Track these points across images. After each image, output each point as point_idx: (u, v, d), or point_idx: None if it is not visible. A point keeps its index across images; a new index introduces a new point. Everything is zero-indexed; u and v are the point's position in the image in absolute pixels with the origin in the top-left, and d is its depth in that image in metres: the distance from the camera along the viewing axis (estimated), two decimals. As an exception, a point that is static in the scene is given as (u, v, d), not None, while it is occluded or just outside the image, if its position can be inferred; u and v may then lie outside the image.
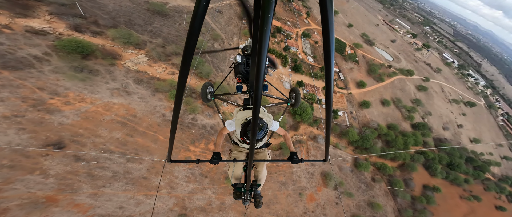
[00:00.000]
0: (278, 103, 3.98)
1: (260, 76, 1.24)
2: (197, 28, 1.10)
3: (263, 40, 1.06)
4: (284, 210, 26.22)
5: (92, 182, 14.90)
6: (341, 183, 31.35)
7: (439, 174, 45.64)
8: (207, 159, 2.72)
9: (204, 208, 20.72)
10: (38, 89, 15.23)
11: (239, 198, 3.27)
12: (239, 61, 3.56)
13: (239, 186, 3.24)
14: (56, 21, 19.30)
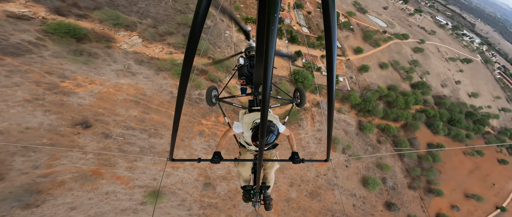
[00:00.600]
0: (283, 104, 4.10)
1: (268, 77, 1.24)
2: (198, 29, 1.09)
3: (270, 40, 1.06)
4: (298, 174, 28.77)
5: (125, 157, 16.57)
6: (348, 146, 34.02)
7: (441, 131, 49.15)
8: (208, 158, 2.83)
9: (224, 176, 22.94)
10: (47, 74, 16.08)
11: (248, 201, 3.36)
12: (242, 63, 3.65)
13: (248, 189, 3.36)
14: (33, 4, 18.89)
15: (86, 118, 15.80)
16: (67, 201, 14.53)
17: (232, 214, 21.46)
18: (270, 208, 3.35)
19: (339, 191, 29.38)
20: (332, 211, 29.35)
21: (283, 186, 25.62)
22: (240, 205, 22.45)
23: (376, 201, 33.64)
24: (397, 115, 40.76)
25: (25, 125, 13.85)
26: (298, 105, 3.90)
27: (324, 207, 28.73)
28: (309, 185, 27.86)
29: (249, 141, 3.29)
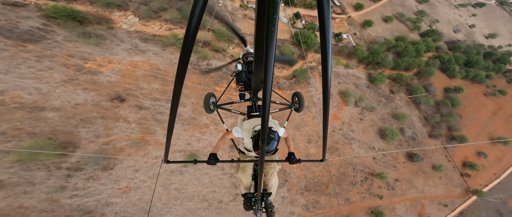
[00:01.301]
0: (281, 108, 4.19)
1: (268, 79, 1.25)
2: (194, 28, 1.12)
3: (270, 41, 1.09)
4: (313, 130, 30.90)
5: (160, 125, 18.85)
6: (360, 98, 35.49)
7: (458, 74, 48.72)
8: (204, 160, 2.93)
9: None
10: (69, 57, 18.43)
11: (250, 209, 3.42)
12: (239, 69, 3.79)
13: (249, 196, 3.42)
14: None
15: (119, 93, 17.98)
16: (131, 164, 17.70)
17: None
18: (272, 216, 3.39)
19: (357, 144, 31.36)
20: (353, 165, 31.56)
21: (301, 143, 27.89)
22: None
23: (397, 152, 35.47)
24: (409, 64, 41.17)
25: (74, 102, 16.34)
26: (296, 110, 4.03)
27: (344, 161, 30.94)
28: (328, 139, 29.87)
29: (248, 147, 3.42)
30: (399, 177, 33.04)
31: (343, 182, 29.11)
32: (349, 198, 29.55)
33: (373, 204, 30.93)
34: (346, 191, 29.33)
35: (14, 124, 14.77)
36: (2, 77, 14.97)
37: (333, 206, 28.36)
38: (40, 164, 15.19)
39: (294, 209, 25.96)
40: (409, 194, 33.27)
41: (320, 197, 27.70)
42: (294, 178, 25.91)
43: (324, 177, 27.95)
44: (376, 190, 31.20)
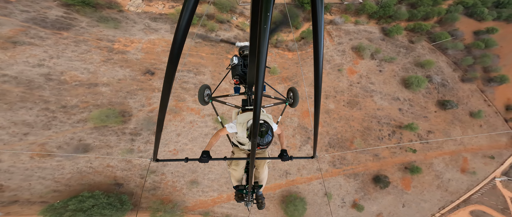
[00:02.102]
0: (276, 103, 4.33)
1: (260, 76, 1.33)
2: (184, 31, 1.15)
3: (262, 39, 1.16)
4: (330, 86, 31.80)
5: (187, 93, 21.30)
6: (376, 50, 35.42)
7: (488, 16, 45.90)
8: (196, 158, 3.09)
9: None
10: (98, 40, 22.38)
11: (241, 200, 3.67)
12: (235, 62, 3.96)
13: (240, 188, 3.66)
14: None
15: (148, 68, 20.43)
16: (173, 129, 20.41)
17: (281, 129, 26.42)
18: (262, 207, 3.62)
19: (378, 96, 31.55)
20: (377, 118, 31.91)
21: None
22: (285, 122, 27.24)
23: (426, 101, 34.69)
24: (426, 12, 40.15)
25: (117, 78, 19.20)
26: (291, 105, 4.12)
27: (366, 114, 31.48)
28: (344, 95, 30.82)
29: (242, 141, 3.58)
30: (432, 129, 32.52)
31: (368, 137, 29.72)
32: (377, 154, 30.03)
33: (406, 159, 30.92)
34: (373, 147, 29.93)
35: (81, 98, 18.84)
36: (56, 61, 19.13)
37: (361, 162, 29.12)
38: (110, 130, 19.00)
39: (320, 166, 27.40)
40: (446, 147, 32.52)
41: (346, 153, 28.74)
42: None
43: (348, 133, 28.90)
44: (407, 144, 31.26)
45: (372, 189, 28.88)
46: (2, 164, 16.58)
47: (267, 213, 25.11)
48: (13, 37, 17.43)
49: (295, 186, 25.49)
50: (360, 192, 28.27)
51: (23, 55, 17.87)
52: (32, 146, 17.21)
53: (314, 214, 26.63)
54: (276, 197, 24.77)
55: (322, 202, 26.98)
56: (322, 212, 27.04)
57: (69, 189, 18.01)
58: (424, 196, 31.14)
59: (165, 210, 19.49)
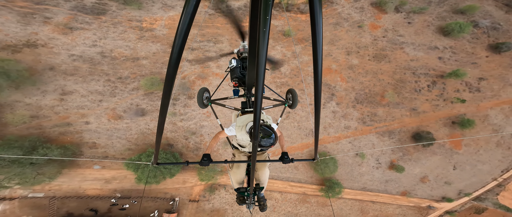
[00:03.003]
0: (275, 105, 4.24)
1: (260, 79, 1.30)
2: (184, 34, 1.09)
3: (262, 42, 1.13)
4: (351, 42, 28.78)
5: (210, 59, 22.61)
6: (402, 2, 30.95)
7: None
8: (196, 161, 2.99)
9: (281, 58, 27.91)
10: (129, 21, 25.16)
11: (243, 203, 3.57)
12: (234, 65, 3.86)
13: (242, 191, 3.57)
14: None
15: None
16: None
17: (303, 87, 25.24)
18: (264, 209, 3.50)
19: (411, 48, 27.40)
20: (411, 69, 27.77)
21: (340, 56, 26.80)
22: (306, 80, 26.02)
23: (473, 47, 28.85)
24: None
25: (152, 52, 21.37)
26: (290, 106, 4.06)
27: (397, 66, 27.69)
28: (368, 49, 27.71)
29: (242, 143, 3.50)
30: (484, 75, 26.86)
31: (402, 90, 26.08)
32: (415, 108, 26.11)
33: (454, 112, 26.16)
34: (410, 100, 26.06)
35: (130, 70, 21.37)
36: (104, 41, 21.79)
37: (395, 118, 25.72)
38: (156, 95, 21.21)
39: (348, 123, 25.06)
40: (504, 94, 26.52)
41: (377, 109, 25.66)
42: (341, 91, 25.21)
43: (377, 87, 25.86)
44: (453, 95, 26.46)
45: (412, 148, 25.33)
46: (91, 125, 19.54)
47: (296, 173, 24.16)
48: (68, 24, 20.39)
49: (322, 146, 23.93)
50: (397, 152, 25.06)
51: (80, 38, 20.77)
52: (106, 110, 19.84)
53: (346, 174, 24.57)
54: (304, 156, 23.62)
55: (353, 163, 24.75)
56: (355, 173, 24.77)
57: (138, 147, 20.31)
58: (480, 156, 26.04)
59: (208, 168, 20.47)
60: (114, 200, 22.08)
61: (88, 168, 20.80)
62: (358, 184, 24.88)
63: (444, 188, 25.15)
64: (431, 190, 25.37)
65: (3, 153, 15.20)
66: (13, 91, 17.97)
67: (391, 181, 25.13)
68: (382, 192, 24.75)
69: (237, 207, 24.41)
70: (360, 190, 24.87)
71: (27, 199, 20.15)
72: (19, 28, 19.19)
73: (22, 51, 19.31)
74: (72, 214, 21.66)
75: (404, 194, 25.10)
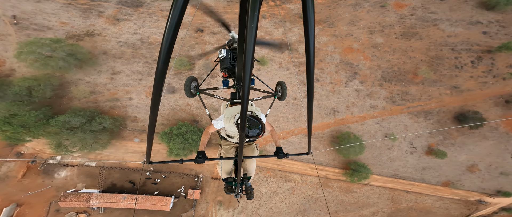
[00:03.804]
0: (265, 97, 4.17)
1: (247, 74, 1.28)
2: (176, 23, 1.01)
3: (249, 37, 1.10)
4: (373, 22, 26.25)
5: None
6: None
7: None
8: (191, 159, 2.85)
9: (299, 39, 26.21)
10: (161, 11, 26.87)
11: (230, 192, 3.58)
12: (224, 55, 3.77)
13: (230, 180, 3.57)
14: None
15: (198, 27, 23.69)
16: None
17: (322, 66, 24.10)
18: (252, 197, 3.51)
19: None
20: (449, 45, 24.20)
21: (362, 35, 24.88)
22: (325, 59, 25.13)
23: (527, 19, 24.07)
24: None
25: (180, 37, 24.57)
26: (279, 98, 3.96)
27: (432, 43, 24.41)
28: (394, 28, 25.14)
29: (230, 134, 3.44)
30: (549, 48, 21.91)
31: (440, 67, 22.78)
32: (457, 86, 22.45)
33: (507, 90, 21.77)
34: (449, 77, 22.57)
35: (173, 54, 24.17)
36: (143, 29, 24.77)
37: (432, 97, 22.43)
38: (184, 75, 22.79)
39: (375, 102, 22.74)
40: None
41: (409, 87, 22.82)
42: (364, 70, 23.29)
43: (407, 65, 23.19)
44: (504, 70, 22.09)
45: (456, 131, 21.70)
46: (133, 101, 22.19)
47: (317, 154, 22.72)
48: (115, 16, 23.79)
49: (346, 126, 22.20)
50: (436, 135, 21.74)
51: (124, 28, 24.01)
52: (145, 88, 22.32)
53: (373, 159, 22.08)
54: (325, 137, 22.21)
55: (382, 146, 22.21)
56: (384, 157, 22.11)
57: (169, 122, 22.11)
58: (551, 144, 20.90)
59: None
60: (148, 173, 23.65)
61: (130, 141, 22.95)
62: (388, 170, 22.09)
63: (499, 179, 20.63)
64: (482, 182, 21.02)
65: (71, 120, 17.94)
66: (77, 70, 21.39)
67: (429, 168, 21.69)
68: (418, 181, 21.45)
69: (257, 186, 23.79)
70: (391, 177, 21.98)
71: (83, 167, 22.96)
72: (81, 21, 23.09)
73: (83, 39, 23.06)
74: (115, 185, 23.75)
75: (446, 184, 21.29)
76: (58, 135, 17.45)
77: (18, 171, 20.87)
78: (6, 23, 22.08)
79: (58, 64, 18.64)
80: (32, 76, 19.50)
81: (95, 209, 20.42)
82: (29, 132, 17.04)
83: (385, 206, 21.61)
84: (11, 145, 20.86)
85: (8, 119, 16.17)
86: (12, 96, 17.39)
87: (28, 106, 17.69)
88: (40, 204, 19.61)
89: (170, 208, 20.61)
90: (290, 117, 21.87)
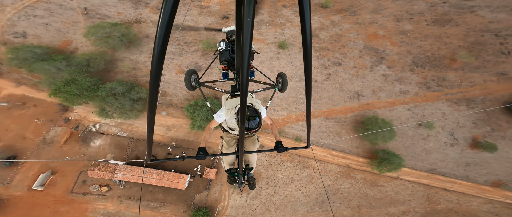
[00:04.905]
0: (265, 88, 4.01)
1: (245, 67, 1.23)
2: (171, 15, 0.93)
3: (246, 31, 1.06)
4: (400, 10, 22.25)
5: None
6: None
7: None
8: (192, 156, 2.81)
9: (321, 27, 25.93)
10: (193, 2, 31.08)
11: (233, 183, 3.50)
12: (223, 47, 3.66)
13: (232, 171, 3.49)
14: None
15: (224, 14, 24.99)
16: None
17: (345, 51, 22.80)
18: (254, 187, 3.52)
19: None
20: (491, 31, 21.01)
21: (388, 23, 23.04)
22: (348, 45, 23.91)
23: None
24: None
25: (208, 23, 26.52)
26: (280, 89, 3.85)
27: (470, 29, 21.50)
28: (425, 15, 22.89)
29: (231, 126, 3.42)
30: None
31: (482, 53, 19.77)
32: (505, 72, 19.11)
33: None
34: (494, 64, 19.34)
35: (193, 37, 25.56)
36: (177, 17, 27.22)
37: (474, 83, 19.31)
38: (208, 55, 24.25)
39: (405, 87, 20.29)
40: None
41: (446, 72, 20.04)
42: (392, 55, 21.37)
43: (442, 50, 20.70)
44: None
45: (506, 123, 18.26)
46: (165, 77, 23.86)
47: (339, 140, 20.80)
48: (158, 6, 26.07)
49: (371, 111, 20.21)
50: (482, 125, 18.47)
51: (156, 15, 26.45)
52: (175, 66, 23.88)
53: (405, 149, 19.33)
54: (348, 122, 20.38)
55: (416, 135, 19.47)
56: (418, 149, 19.23)
57: (193, 97, 22.95)
58: None
59: None
60: (170, 148, 24.03)
61: (158, 114, 23.93)
62: (423, 163, 19.04)
63: None
64: (551, 185, 16.73)
65: (116, 87, 20.07)
66: (125, 50, 23.88)
67: (475, 164, 18.16)
68: (461, 178, 17.97)
69: (272, 170, 22.34)
70: (427, 172, 18.82)
71: (115, 137, 24.27)
72: (132, 11, 26.10)
73: (132, 26, 25.87)
74: (139, 158, 24.47)
75: (497, 185, 17.40)
76: (104, 100, 19.54)
77: (62, 137, 22.67)
78: (78, 13, 26.08)
79: (113, 43, 22.14)
80: (91, 52, 23.10)
81: (117, 182, 20.89)
82: (82, 96, 19.30)
83: (418, 205, 18.23)
84: (63, 110, 23.14)
85: (70, 83, 18.95)
86: (75, 66, 20.87)
87: (85, 74, 20.66)
88: (72, 173, 20.68)
89: (185, 187, 20.10)
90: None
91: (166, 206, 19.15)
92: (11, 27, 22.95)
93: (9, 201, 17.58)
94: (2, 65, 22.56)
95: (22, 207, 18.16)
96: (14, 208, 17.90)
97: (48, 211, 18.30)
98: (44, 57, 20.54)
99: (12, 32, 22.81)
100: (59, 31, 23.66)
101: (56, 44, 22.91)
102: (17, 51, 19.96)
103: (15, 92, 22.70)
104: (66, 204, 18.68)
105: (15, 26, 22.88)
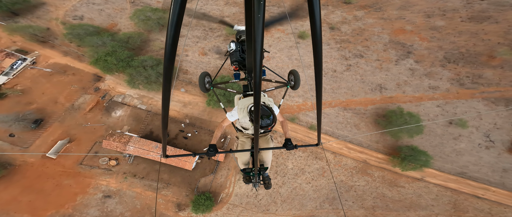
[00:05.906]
0: (277, 87, 3.92)
1: (257, 66, 1.19)
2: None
3: (257, 28, 1.02)
4: (431, 7, 20.67)
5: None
6: None
7: None
8: (203, 152, 2.86)
9: (342, 21, 24.71)
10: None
11: (249, 182, 3.48)
12: (233, 48, 3.63)
13: (247, 171, 3.47)
14: None
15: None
16: (265, 42, 23.09)
17: (367, 44, 21.50)
18: (269, 187, 3.43)
19: None
20: None
21: (417, 18, 21.19)
22: (371, 38, 22.50)
23: None
24: None
25: (233, 12, 27.08)
26: (292, 87, 3.75)
27: (511, 26, 19.26)
28: (459, 12, 20.81)
29: (245, 126, 3.32)
30: None
31: (526, 51, 17.51)
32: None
33: None
34: (543, 64, 16.92)
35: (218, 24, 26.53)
36: (206, 6, 28.04)
37: (519, 83, 16.89)
38: (230, 39, 25.02)
39: (435, 83, 18.31)
40: None
41: (483, 70, 17.81)
42: (421, 50, 19.63)
43: (479, 47, 18.60)
44: None
45: None
46: (188, 58, 24.73)
47: (356, 132, 19.25)
48: None
49: (395, 105, 18.57)
50: None
51: (193, 4, 27.28)
52: (199, 48, 24.46)
53: (432, 148, 17.27)
54: (368, 114, 18.87)
55: (445, 134, 17.38)
56: (447, 149, 17.07)
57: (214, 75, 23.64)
58: None
59: None
60: (183, 125, 24.01)
61: (177, 90, 24.29)
62: (452, 165, 16.81)
63: None
64: None
65: (147, 60, 22.01)
66: (158, 32, 25.20)
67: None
68: (495, 185, 15.48)
69: (283, 159, 21.21)
70: (455, 176, 16.52)
71: (135, 109, 24.92)
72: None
73: (166, 12, 27.30)
74: (152, 132, 24.72)
75: (548, 199, 14.66)
76: (135, 69, 21.13)
77: (89, 104, 23.62)
78: (127, 2, 28.69)
79: (151, 25, 25.06)
80: (130, 32, 25.75)
81: (126, 156, 20.98)
82: (117, 65, 21.14)
83: (442, 212, 15.89)
84: (95, 80, 24.45)
85: (111, 53, 21.40)
86: (117, 41, 23.59)
87: (123, 48, 23.00)
88: (87, 142, 20.45)
89: (192, 168, 19.58)
90: (328, 88, 19.63)
91: (169, 187, 18.59)
92: (73, 12, 25.94)
93: (20, 168, 17.23)
94: (57, 39, 24.89)
95: (29, 176, 17.43)
96: (21, 177, 17.23)
97: (50, 183, 17.69)
98: (94, 33, 23.82)
99: (73, 15, 25.87)
100: (109, 15, 26.51)
101: (105, 25, 25.63)
102: (74, 28, 23.45)
103: (60, 61, 24.42)
104: (71, 177, 18.13)
105: (76, 10, 25.88)
